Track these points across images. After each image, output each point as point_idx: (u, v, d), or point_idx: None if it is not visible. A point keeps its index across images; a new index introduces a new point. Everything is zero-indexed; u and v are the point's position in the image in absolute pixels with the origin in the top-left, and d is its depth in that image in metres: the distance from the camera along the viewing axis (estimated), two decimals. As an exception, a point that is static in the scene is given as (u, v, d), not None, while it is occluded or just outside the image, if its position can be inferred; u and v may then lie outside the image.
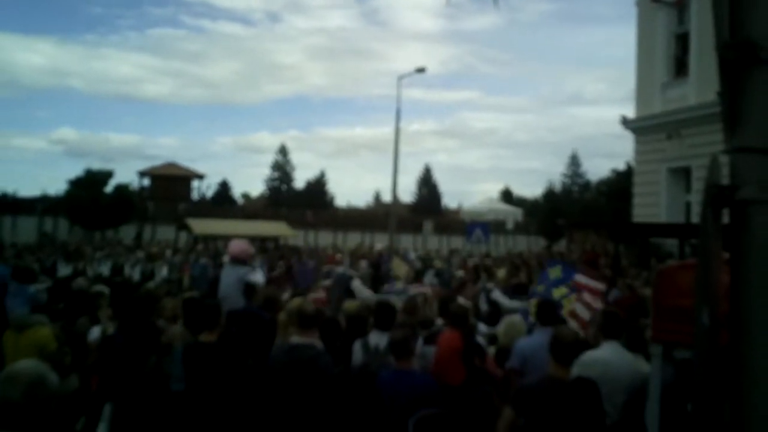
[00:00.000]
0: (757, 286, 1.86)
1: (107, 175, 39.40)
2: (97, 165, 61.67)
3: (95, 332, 7.02)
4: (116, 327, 6.67)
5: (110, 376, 6.13)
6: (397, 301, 7.66)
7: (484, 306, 10.99)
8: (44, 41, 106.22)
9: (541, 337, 5.62)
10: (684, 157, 20.67)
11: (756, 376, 1.86)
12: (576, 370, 4.73)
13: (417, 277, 12.99)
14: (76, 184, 38.29)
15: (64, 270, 17.63)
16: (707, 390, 1.86)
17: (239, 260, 8.33)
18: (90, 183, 38.04)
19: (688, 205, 20.99)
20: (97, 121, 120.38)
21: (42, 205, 38.59)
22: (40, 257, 19.40)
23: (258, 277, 8.02)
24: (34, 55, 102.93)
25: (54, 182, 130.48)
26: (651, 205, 22.53)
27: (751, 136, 1.90)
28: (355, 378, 5.54)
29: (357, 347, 5.92)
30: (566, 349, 4.67)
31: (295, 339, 5.39)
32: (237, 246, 8.67)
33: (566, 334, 4.79)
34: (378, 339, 5.86)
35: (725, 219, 1.94)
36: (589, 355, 5.02)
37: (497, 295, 10.76)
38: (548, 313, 6.30)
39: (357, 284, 12.89)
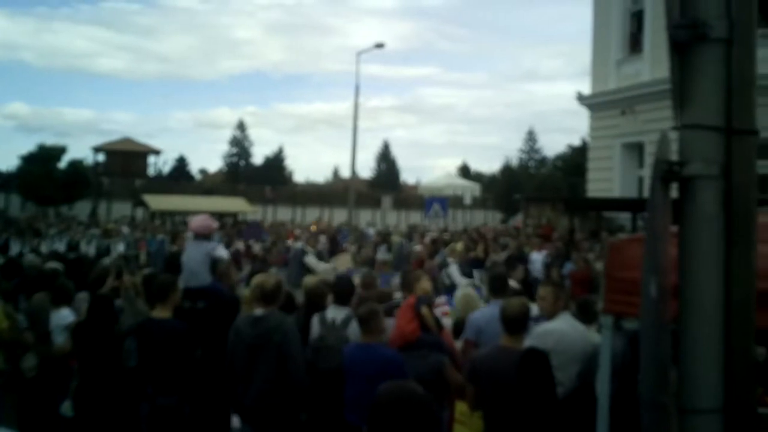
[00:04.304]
0: (702, 257, 1.93)
1: (61, 151, 38.62)
2: (50, 140, 60.16)
3: (68, 316, 6.70)
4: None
5: (81, 356, 6.12)
6: (355, 277, 7.66)
7: (446, 280, 11.11)
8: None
9: (494, 309, 5.71)
10: (637, 133, 21.02)
11: (700, 346, 1.94)
12: (530, 341, 4.86)
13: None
14: (29, 160, 37.51)
15: (16, 247, 17.29)
16: (653, 360, 1.92)
17: (202, 235, 8.02)
18: (43, 158, 37.28)
19: (640, 180, 21.38)
20: (49, 96, 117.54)
21: (-7, 182, 37.73)
22: (-9, 234, 19.01)
23: (223, 252, 7.78)
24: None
25: (6, 158, 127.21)
26: (605, 180, 22.89)
27: (698, 114, 1.96)
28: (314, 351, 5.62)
29: (315, 321, 5.95)
30: (513, 319, 4.84)
31: (259, 311, 5.43)
32: (198, 221, 8.27)
33: (513, 305, 4.95)
34: (335, 313, 5.89)
35: (674, 193, 2.00)
36: (545, 327, 5.16)
37: (452, 271, 10.91)
38: (500, 284, 6.41)
39: (310, 258, 12.94)
